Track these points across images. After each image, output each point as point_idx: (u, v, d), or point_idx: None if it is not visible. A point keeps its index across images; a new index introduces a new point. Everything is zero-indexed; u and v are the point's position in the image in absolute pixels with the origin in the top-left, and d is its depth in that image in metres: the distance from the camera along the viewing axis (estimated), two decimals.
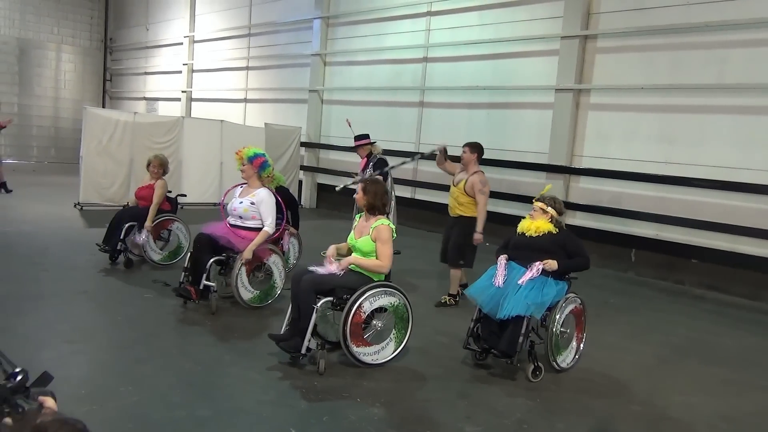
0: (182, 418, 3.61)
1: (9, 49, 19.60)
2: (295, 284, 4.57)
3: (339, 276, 4.53)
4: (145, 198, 7.26)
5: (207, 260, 5.63)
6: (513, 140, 10.35)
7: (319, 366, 4.40)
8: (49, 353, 4.43)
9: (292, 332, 4.54)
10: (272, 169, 6.17)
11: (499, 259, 4.78)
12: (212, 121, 12.86)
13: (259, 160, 5.93)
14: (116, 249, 7.07)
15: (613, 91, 9.18)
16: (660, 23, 8.57)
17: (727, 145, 8.05)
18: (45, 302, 5.57)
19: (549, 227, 4.81)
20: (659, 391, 4.60)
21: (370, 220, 4.73)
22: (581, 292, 4.97)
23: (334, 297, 4.53)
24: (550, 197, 4.98)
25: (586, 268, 4.80)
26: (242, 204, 5.82)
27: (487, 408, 4.08)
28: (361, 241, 4.67)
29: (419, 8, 11.79)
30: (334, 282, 4.52)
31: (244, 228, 5.79)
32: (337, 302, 4.55)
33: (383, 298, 4.62)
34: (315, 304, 4.43)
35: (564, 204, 6.78)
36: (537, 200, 4.98)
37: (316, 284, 4.50)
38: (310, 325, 4.41)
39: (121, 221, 7.09)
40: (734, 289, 7.96)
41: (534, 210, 4.93)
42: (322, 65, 13.87)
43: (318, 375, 4.37)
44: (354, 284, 4.53)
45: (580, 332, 4.91)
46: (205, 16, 17.77)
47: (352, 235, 4.80)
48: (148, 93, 20.41)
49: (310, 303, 4.44)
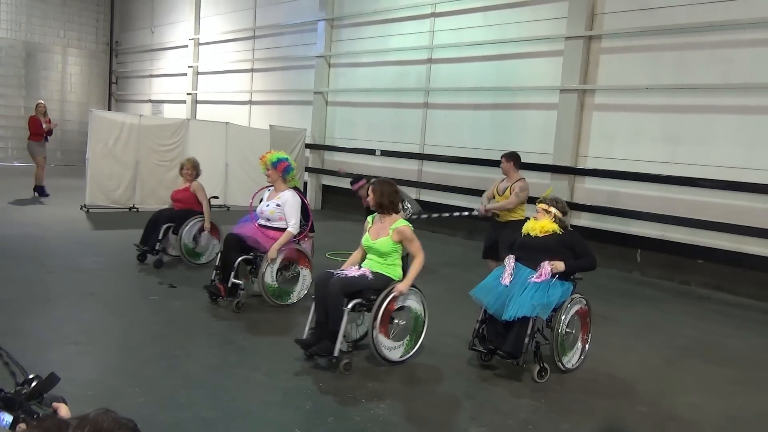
0: (188, 419, 3.63)
1: (15, 53, 19.70)
2: (322, 287, 4.61)
3: (369, 279, 4.61)
4: (182, 201, 7.48)
5: (235, 259, 5.90)
6: (517, 141, 10.33)
7: (342, 367, 4.45)
8: (56, 354, 4.46)
9: (319, 335, 4.58)
10: (296, 172, 6.32)
11: (507, 260, 4.79)
12: (217, 123, 12.89)
13: (283, 165, 6.10)
14: (154, 249, 7.26)
15: (617, 91, 9.17)
16: (665, 23, 8.55)
17: (733, 145, 8.03)
18: (52, 304, 5.60)
19: (554, 227, 4.83)
20: (665, 392, 4.59)
21: (386, 221, 4.79)
22: (586, 292, 4.97)
23: (363, 298, 4.60)
24: (551, 198, 5.03)
25: (593, 268, 4.82)
26: (269, 207, 6.10)
27: (492, 408, 4.08)
28: (379, 242, 4.72)
29: (423, 9, 11.80)
30: (363, 284, 4.59)
31: (272, 228, 6.06)
32: (366, 303, 4.62)
33: (411, 300, 4.82)
34: (345, 307, 4.48)
35: (568, 204, 6.80)
36: (539, 202, 5.01)
37: (345, 286, 4.54)
38: (342, 327, 4.44)
39: (159, 223, 7.31)
40: (740, 290, 7.93)
41: (537, 212, 4.97)
42: (326, 67, 13.89)
43: (321, 376, 4.38)
44: (382, 285, 4.63)
45: (586, 333, 4.91)
46: (209, 18, 17.83)
47: (367, 236, 4.84)
48: (153, 95, 20.49)
49: (339, 305, 4.48)
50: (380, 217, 4.85)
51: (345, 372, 4.44)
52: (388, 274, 4.71)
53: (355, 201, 9.88)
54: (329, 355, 4.45)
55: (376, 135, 12.73)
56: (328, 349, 4.46)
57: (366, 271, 4.65)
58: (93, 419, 0.90)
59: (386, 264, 4.76)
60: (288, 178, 6.19)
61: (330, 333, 4.49)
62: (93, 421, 0.90)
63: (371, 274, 4.64)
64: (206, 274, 7.09)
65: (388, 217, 4.80)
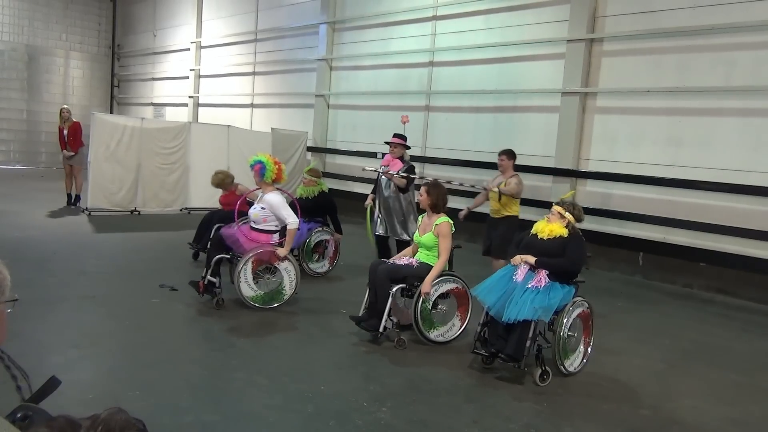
0: (189, 422, 3.62)
1: (18, 56, 19.75)
2: (372, 273, 5.33)
3: (414, 267, 5.29)
4: (230, 204, 7.44)
5: (214, 257, 6.00)
6: (519, 144, 10.30)
7: (397, 341, 5.14)
8: (57, 358, 4.45)
9: (371, 314, 5.26)
10: (273, 173, 6.14)
11: (514, 259, 4.79)
12: (219, 126, 12.90)
13: (256, 168, 6.12)
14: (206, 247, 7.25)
15: (619, 94, 9.16)
16: (666, 26, 8.54)
17: (735, 148, 8.01)
18: (53, 307, 5.60)
19: (562, 232, 4.77)
20: (668, 395, 4.57)
21: (433, 218, 5.41)
22: (588, 295, 4.95)
23: (406, 284, 5.22)
24: (570, 203, 4.94)
25: (569, 271, 4.71)
26: (255, 209, 6.18)
27: (495, 412, 4.07)
28: (425, 237, 5.37)
29: (425, 12, 11.80)
30: (407, 272, 5.27)
31: (258, 230, 6.10)
32: (409, 288, 5.23)
33: (445, 285, 5.33)
34: (390, 290, 5.12)
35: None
36: (556, 204, 4.95)
37: (390, 273, 5.25)
38: (387, 307, 5.10)
39: (211, 222, 7.41)
40: (743, 293, 7.90)
41: (552, 213, 4.90)
42: (328, 70, 13.90)
43: (323, 380, 4.37)
44: (425, 273, 5.19)
45: (588, 336, 4.89)
46: (212, 22, 17.86)
47: (417, 233, 5.53)
48: (155, 98, 20.51)
49: (386, 288, 5.16)
50: (429, 215, 5.46)
51: (398, 347, 5.09)
52: (432, 265, 5.27)
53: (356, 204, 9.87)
54: (375, 330, 5.13)
55: (377, 138, 12.70)
56: (375, 325, 5.13)
57: (413, 261, 5.38)
58: (105, 419, 0.90)
59: (432, 256, 5.35)
60: (267, 179, 6.09)
61: (378, 312, 5.14)
62: (105, 420, 0.90)
63: (417, 264, 5.32)
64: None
65: (435, 216, 5.40)
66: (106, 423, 0.89)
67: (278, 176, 6.23)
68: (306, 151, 13.79)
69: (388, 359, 4.92)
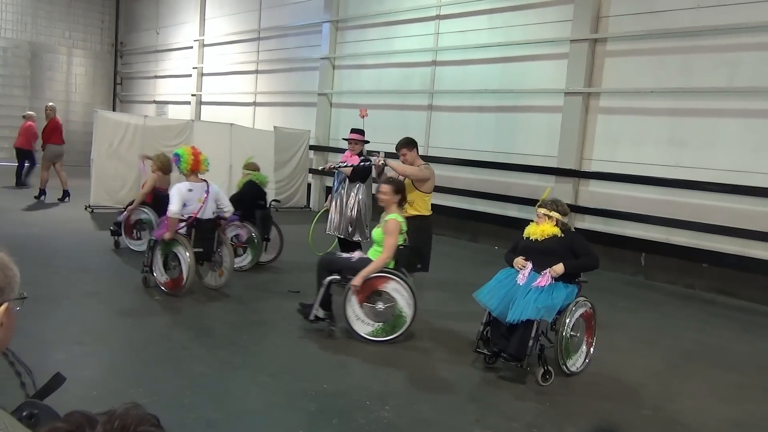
0: (192, 419, 3.63)
1: (21, 53, 19.76)
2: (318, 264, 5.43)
3: (352, 260, 5.26)
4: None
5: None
6: (522, 144, 10.34)
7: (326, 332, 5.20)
8: (61, 354, 4.47)
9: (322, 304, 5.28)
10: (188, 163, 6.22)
11: (516, 261, 4.79)
12: (222, 124, 12.90)
13: (173, 160, 6.46)
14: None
15: (622, 94, 9.15)
16: (670, 26, 8.53)
17: (738, 149, 8.01)
18: (56, 304, 5.61)
19: (554, 231, 4.79)
20: (670, 396, 4.58)
21: (386, 214, 5.30)
22: (590, 295, 4.95)
23: (341, 276, 5.21)
24: (551, 201, 4.94)
25: (595, 267, 4.77)
26: None
27: (497, 412, 4.08)
28: (375, 232, 5.34)
29: (428, 12, 11.80)
30: (343, 264, 5.27)
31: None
32: (342, 280, 5.20)
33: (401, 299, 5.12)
34: (323, 280, 5.18)
35: (572, 208, 6.73)
36: (539, 206, 4.95)
37: (329, 263, 5.34)
38: (319, 297, 5.17)
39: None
40: (745, 294, 7.90)
41: (538, 216, 4.92)
42: (331, 69, 13.90)
43: (326, 378, 4.39)
44: (360, 267, 5.11)
45: (590, 336, 4.90)
46: (215, 20, 17.86)
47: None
48: (158, 96, 20.53)
49: (321, 279, 5.23)
50: (387, 210, 5.34)
51: (327, 337, 5.15)
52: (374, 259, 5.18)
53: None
54: (305, 317, 5.23)
55: (379, 137, 12.71)
56: (306, 312, 5.25)
57: (355, 255, 5.36)
58: (121, 414, 0.91)
59: (380, 251, 5.19)
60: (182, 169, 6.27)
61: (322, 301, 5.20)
62: (121, 415, 0.90)
63: (357, 257, 5.28)
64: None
65: (388, 211, 5.29)
66: (123, 418, 0.90)
67: (194, 166, 6.27)
68: (308, 149, 13.79)
69: (391, 358, 4.93)
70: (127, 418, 0.90)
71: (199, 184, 6.24)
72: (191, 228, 6.15)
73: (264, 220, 7.65)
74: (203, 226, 6.21)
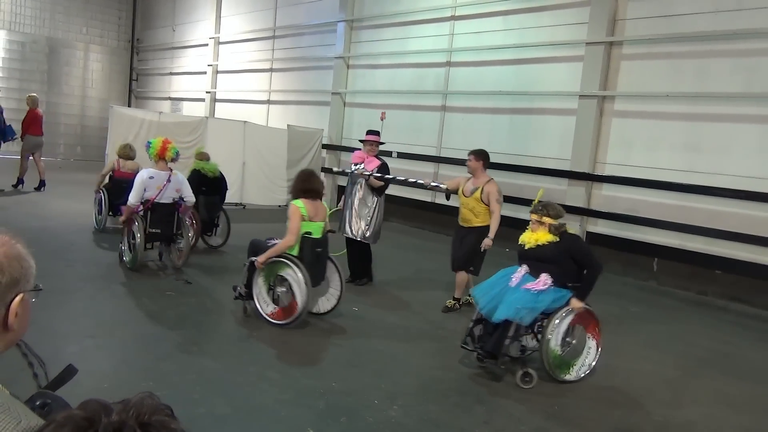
0: (202, 415, 3.65)
1: (39, 48, 19.96)
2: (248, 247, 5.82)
3: (267, 245, 5.54)
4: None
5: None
6: (535, 146, 10.30)
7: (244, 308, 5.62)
8: (73, 347, 4.51)
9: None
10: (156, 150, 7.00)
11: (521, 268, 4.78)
12: (235, 121, 12.97)
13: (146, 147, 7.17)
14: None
15: (637, 98, 9.10)
16: (687, 30, 8.47)
17: (753, 155, 7.92)
18: (69, 297, 5.66)
19: (548, 238, 4.71)
20: (680, 403, 4.54)
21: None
22: (601, 299, 4.92)
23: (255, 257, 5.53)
24: (542, 206, 4.83)
25: (599, 274, 4.71)
26: None
27: (505, 414, 4.07)
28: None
29: (443, 12, 11.79)
30: (264, 247, 5.54)
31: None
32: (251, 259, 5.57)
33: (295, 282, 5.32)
34: (246, 261, 5.56)
35: (585, 211, 6.65)
36: (531, 212, 4.86)
37: (255, 246, 5.70)
38: (243, 275, 5.56)
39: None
40: (758, 301, 7.82)
41: (532, 222, 4.85)
42: (345, 68, 13.92)
43: (335, 376, 4.40)
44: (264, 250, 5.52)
45: (593, 330, 4.80)
46: (230, 18, 17.95)
47: None
48: (173, 93, 20.66)
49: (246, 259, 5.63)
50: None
51: (243, 314, 5.58)
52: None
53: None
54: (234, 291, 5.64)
55: (393, 137, 12.72)
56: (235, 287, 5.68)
57: (273, 240, 5.63)
58: (136, 403, 0.92)
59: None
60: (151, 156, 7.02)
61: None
62: (136, 404, 0.92)
63: (270, 242, 5.58)
64: (219, 276, 7.16)
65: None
66: (138, 407, 0.91)
67: (161, 152, 6.97)
68: (321, 148, 13.82)
69: (400, 358, 4.94)
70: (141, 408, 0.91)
71: (163, 172, 6.91)
72: (147, 211, 6.79)
73: (209, 206, 8.29)
74: (160, 210, 6.84)
